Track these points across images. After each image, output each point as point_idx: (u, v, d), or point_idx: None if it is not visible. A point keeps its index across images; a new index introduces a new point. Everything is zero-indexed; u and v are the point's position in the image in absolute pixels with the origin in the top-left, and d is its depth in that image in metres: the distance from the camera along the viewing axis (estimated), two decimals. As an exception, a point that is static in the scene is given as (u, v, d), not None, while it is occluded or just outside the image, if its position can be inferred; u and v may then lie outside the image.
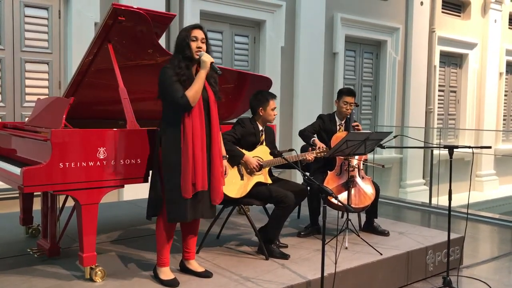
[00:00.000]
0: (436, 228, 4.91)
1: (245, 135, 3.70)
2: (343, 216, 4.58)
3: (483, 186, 10.92)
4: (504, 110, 11.98)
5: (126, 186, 3.15)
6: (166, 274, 3.01)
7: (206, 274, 3.12)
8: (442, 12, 10.11)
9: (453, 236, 3.97)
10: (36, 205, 3.88)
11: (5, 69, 5.30)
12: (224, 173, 3.14)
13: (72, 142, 2.87)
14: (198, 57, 2.91)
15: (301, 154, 3.76)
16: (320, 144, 4.03)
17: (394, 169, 9.33)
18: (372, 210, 4.22)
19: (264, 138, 3.82)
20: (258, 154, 3.70)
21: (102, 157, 2.97)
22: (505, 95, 11.95)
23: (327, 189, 2.81)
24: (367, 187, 4.10)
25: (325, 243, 2.74)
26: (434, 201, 7.27)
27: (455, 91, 10.86)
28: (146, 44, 3.41)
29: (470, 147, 3.75)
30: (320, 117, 4.43)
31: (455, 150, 3.60)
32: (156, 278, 3.02)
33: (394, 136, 4.30)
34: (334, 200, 3.53)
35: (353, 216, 4.30)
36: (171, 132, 2.88)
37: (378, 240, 4.04)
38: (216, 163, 2.98)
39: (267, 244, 3.57)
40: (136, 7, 3.17)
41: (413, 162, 9.44)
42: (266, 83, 4.44)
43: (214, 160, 2.97)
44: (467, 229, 4.14)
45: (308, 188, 4.32)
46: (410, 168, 9.41)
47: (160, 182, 2.92)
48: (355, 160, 4.12)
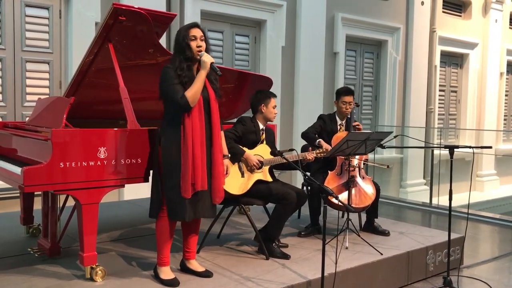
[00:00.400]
0: (437, 228, 4.91)
1: (245, 133, 3.71)
2: (343, 216, 4.58)
3: (483, 186, 10.92)
4: (504, 110, 11.97)
5: (126, 185, 3.15)
6: (167, 273, 3.01)
7: (207, 274, 3.12)
8: (443, 12, 10.10)
9: (453, 236, 3.97)
10: (37, 204, 3.88)
11: (5, 68, 5.30)
12: (226, 172, 3.14)
13: (73, 141, 2.87)
14: (199, 57, 2.91)
15: (301, 153, 3.76)
16: (326, 146, 4.03)
17: (395, 169, 9.32)
18: (372, 210, 4.22)
19: (264, 137, 3.82)
20: (258, 152, 3.70)
21: (102, 156, 2.97)
22: (505, 95, 11.94)
23: (327, 189, 2.81)
24: (367, 187, 4.10)
25: (325, 243, 2.74)
26: (434, 201, 7.27)
27: (455, 91, 10.86)
28: (146, 43, 3.41)
29: (470, 147, 3.75)
30: (320, 117, 4.43)
31: (455, 150, 3.60)
32: (157, 278, 3.02)
33: (395, 136, 4.29)
34: (334, 200, 3.53)
35: (353, 216, 4.30)
36: (171, 132, 2.89)
37: (378, 240, 4.04)
38: (217, 162, 2.98)
39: (268, 243, 3.57)
40: (137, 7, 3.17)
41: (413, 162, 9.43)
42: (267, 83, 4.44)
43: (215, 160, 2.97)
44: (467, 229, 4.14)
45: (309, 188, 4.33)
46: (411, 168, 9.40)
47: (160, 182, 2.93)
48: (355, 160, 4.12)
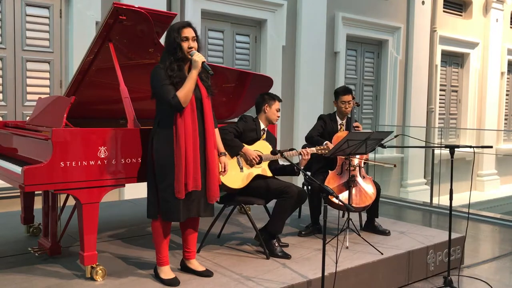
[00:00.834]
0: (437, 228, 4.91)
1: (246, 130, 3.72)
2: (344, 216, 4.59)
3: (484, 185, 10.91)
4: (505, 109, 11.96)
5: (127, 185, 3.15)
6: (167, 273, 3.01)
7: (207, 273, 3.12)
8: (444, 11, 10.09)
9: (454, 235, 3.97)
10: (37, 204, 3.88)
11: (6, 68, 5.30)
12: (223, 169, 3.13)
13: (73, 141, 2.87)
14: (191, 56, 2.88)
15: (300, 150, 3.74)
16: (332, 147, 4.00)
17: (395, 168, 9.30)
18: (373, 210, 4.22)
19: (265, 138, 3.82)
20: (258, 148, 3.70)
21: (103, 156, 2.97)
22: (506, 95, 11.93)
23: (328, 188, 2.81)
24: (368, 187, 4.10)
25: (325, 243, 2.74)
26: (435, 200, 7.26)
27: (456, 91, 10.85)
28: (147, 43, 3.41)
29: (471, 146, 3.74)
30: (321, 117, 4.43)
31: (456, 149, 3.60)
32: (157, 278, 3.02)
33: (395, 136, 4.29)
34: (335, 200, 3.53)
35: (354, 216, 4.30)
36: (163, 133, 2.87)
37: (379, 239, 4.04)
38: (211, 161, 2.96)
39: (269, 241, 3.57)
40: (137, 6, 3.16)
41: (414, 161, 9.43)
42: (267, 83, 4.44)
43: (209, 159, 2.95)
44: (468, 228, 4.14)
45: (309, 188, 4.33)
46: (411, 168, 9.40)
47: (154, 182, 2.92)
48: (356, 160, 4.12)
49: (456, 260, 4.13)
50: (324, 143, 4.04)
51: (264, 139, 3.81)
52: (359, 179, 4.11)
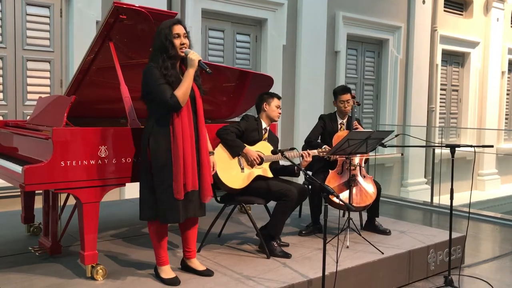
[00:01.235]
0: (438, 227, 4.90)
1: (248, 129, 3.71)
2: (344, 215, 4.59)
3: (485, 185, 10.91)
4: (506, 109, 11.96)
5: (127, 184, 3.15)
6: (167, 272, 3.01)
7: (207, 273, 3.11)
8: (444, 10, 10.09)
9: (454, 235, 3.97)
10: (38, 203, 3.88)
11: (6, 67, 5.30)
12: (212, 169, 3.11)
13: (74, 140, 2.87)
14: (184, 54, 2.87)
15: (302, 152, 3.74)
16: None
17: (396, 168, 9.32)
18: (373, 209, 4.22)
19: (267, 137, 3.81)
20: (259, 149, 3.70)
21: (103, 155, 2.97)
22: (507, 94, 11.93)
23: (328, 188, 2.81)
24: (368, 186, 4.10)
25: (326, 242, 2.74)
26: (435, 200, 7.26)
27: (457, 90, 10.85)
28: (147, 42, 3.39)
29: (472, 146, 3.74)
30: (321, 117, 4.42)
31: (457, 149, 3.60)
32: (157, 277, 3.02)
33: (396, 135, 4.29)
34: (335, 199, 3.53)
35: (354, 215, 4.29)
36: (160, 133, 2.84)
37: (379, 239, 4.04)
38: (205, 161, 2.95)
39: (269, 241, 3.57)
40: (138, 6, 3.16)
41: (414, 161, 9.42)
42: (268, 82, 4.43)
43: (202, 158, 2.94)
44: (468, 228, 4.14)
45: (310, 187, 4.32)
46: (412, 167, 9.39)
47: (150, 183, 2.88)
48: (356, 159, 4.11)
49: (456, 260, 4.13)
50: (323, 147, 4.05)
51: (267, 140, 3.81)
52: (359, 178, 4.11)
